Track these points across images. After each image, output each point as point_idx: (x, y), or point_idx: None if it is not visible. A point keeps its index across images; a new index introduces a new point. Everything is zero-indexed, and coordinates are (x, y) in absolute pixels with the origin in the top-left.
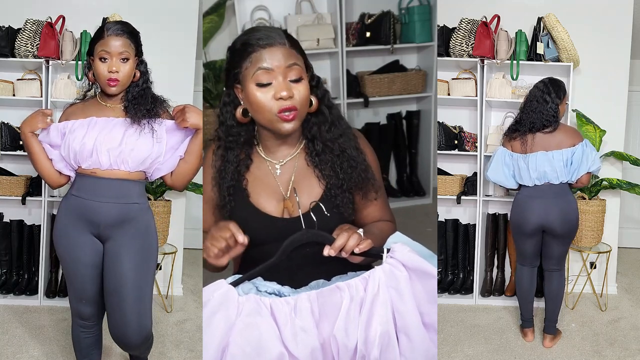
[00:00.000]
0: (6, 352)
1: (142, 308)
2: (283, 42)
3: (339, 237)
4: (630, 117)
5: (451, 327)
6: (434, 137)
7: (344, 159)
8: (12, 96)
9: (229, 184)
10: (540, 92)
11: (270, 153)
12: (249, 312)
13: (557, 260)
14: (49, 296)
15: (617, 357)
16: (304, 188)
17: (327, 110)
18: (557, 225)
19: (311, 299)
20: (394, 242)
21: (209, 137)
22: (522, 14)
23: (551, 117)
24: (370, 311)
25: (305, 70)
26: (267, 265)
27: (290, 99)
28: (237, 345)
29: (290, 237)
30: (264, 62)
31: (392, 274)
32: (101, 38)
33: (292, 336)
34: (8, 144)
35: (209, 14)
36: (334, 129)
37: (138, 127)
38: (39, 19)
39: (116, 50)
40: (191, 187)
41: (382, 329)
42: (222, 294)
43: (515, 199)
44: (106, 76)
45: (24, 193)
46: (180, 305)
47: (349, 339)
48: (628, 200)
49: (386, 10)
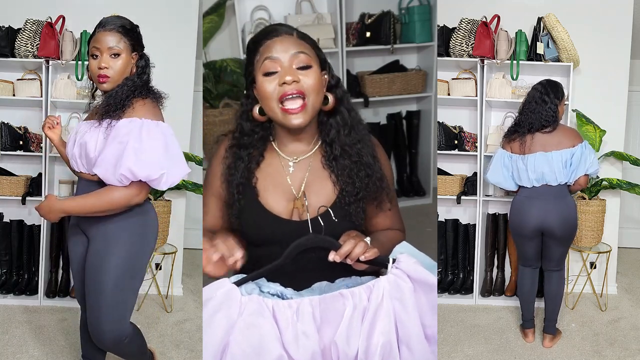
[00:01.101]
0: (6, 352)
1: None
2: (290, 32)
3: (345, 244)
4: (630, 117)
5: (451, 327)
6: (434, 137)
7: (361, 166)
8: (12, 96)
9: (239, 181)
10: (539, 93)
11: (285, 149)
12: (251, 313)
13: (556, 261)
14: (49, 296)
15: (617, 357)
16: (317, 190)
17: (347, 112)
18: (555, 228)
19: (313, 304)
20: (400, 252)
21: (221, 133)
22: (522, 14)
23: (550, 117)
24: (372, 320)
25: (317, 60)
26: (272, 267)
27: (295, 83)
28: (237, 345)
29: (296, 240)
30: (270, 51)
31: (397, 285)
32: (93, 34)
33: (293, 339)
34: (8, 144)
35: (209, 14)
36: (353, 133)
37: (99, 125)
38: (39, 19)
39: (105, 45)
40: (191, 187)
41: (384, 339)
42: (224, 292)
43: (514, 201)
44: (96, 72)
45: (24, 193)
46: (180, 305)
47: (350, 347)
48: (628, 200)
49: (386, 10)
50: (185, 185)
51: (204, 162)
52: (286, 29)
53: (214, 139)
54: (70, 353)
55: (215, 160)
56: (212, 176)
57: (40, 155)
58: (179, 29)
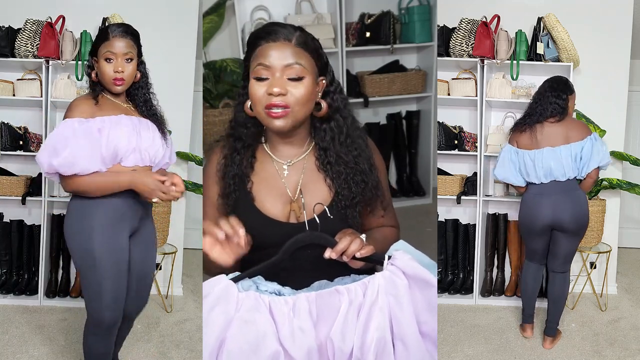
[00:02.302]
0: (6, 352)
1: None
2: (289, 39)
3: (341, 241)
4: (630, 117)
5: (451, 327)
6: (434, 137)
7: (357, 172)
8: (12, 96)
9: (235, 172)
10: (550, 85)
11: (277, 152)
12: (248, 309)
13: (563, 260)
14: (49, 296)
15: (617, 357)
16: (313, 192)
17: (343, 120)
18: (567, 222)
19: (310, 300)
20: (396, 249)
21: (215, 138)
22: (522, 14)
23: (559, 108)
24: (367, 316)
25: (313, 69)
26: (269, 264)
27: (282, 96)
28: (234, 341)
29: (293, 237)
30: (264, 57)
31: (392, 281)
32: (106, 39)
33: (289, 335)
34: (8, 144)
35: (209, 14)
36: (349, 141)
37: (154, 128)
38: (39, 19)
39: (121, 50)
40: (191, 187)
41: (379, 335)
42: (221, 288)
43: (523, 198)
44: (112, 76)
45: (24, 193)
46: (180, 305)
47: (345, 343)
48: (628, 200)
49: (386, 10)
50: (185, 185)
51: (204, 161)
52: (286, 34)
53: (211, 142)
54: (70, 353)
55: (209, 170)
56: (209, 189)
57: None
58: (179, 29)
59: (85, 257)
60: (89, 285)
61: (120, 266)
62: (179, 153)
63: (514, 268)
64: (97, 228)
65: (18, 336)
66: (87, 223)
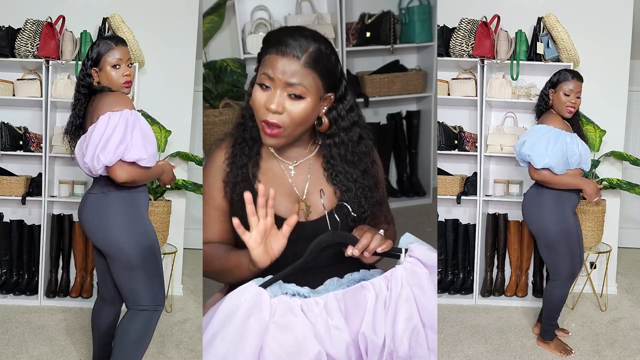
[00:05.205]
0: (6, 352)
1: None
2: (298, 56)
3: (362, 238)
4: (630, 117)
5: (451, 327)
6: (434, 137)
7: (363, 187)
8: (12, 96)
9: (244, 162)
10: None
11: (283, 154)
12: (283, 314)
13: (548, 266)
14: (49, 296)
15: (617, 357)
16: (320, 191)
17: (348, 139)
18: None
19: (338, 297)
20: (407, 242)
21: (218, 137)
22: (522, 14)
23: (540, 103)
24: (395, 308)
25: (317, 91)
26: (296, 266)
27: (278, 114)
28: (273, 347)
29: (316, 238)
30: (269, 68)
31: (414, 272)
32: (112, 48)
33: (326, 335)
34: (8, 144)
35: (209, 14)
36: (357, 159)
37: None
38: (39, 19)
39: (125, 57)
40: (191, 187)
41: (409, 325)
42: (253, 296)
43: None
44: (122, 80)
45: (24, 193)
46: (181, 305)
47: (377, 335)
48: (628, 200)
49: (386, 10)
50: (185, 185)
51: (204, 161)
52: (297, 49)
53: (212, 142)
54: (70, 353)
55: (211, 170)
56: (210, 188)
57: (40, 155)
58: (179, 29)
59: (147, 248)
60: (151, 275)
61: (155, 243)
62: (179, 153)
63: (514, 268)
64: (146, 216)
65: (18, 336)
66: (137, 213)
